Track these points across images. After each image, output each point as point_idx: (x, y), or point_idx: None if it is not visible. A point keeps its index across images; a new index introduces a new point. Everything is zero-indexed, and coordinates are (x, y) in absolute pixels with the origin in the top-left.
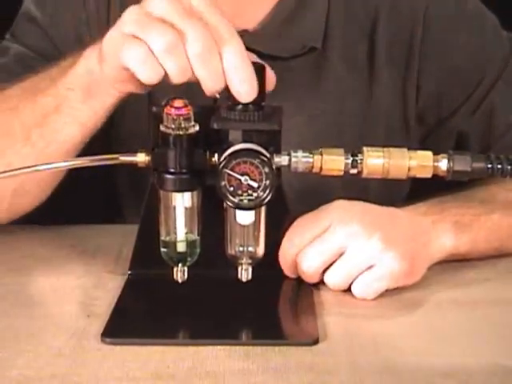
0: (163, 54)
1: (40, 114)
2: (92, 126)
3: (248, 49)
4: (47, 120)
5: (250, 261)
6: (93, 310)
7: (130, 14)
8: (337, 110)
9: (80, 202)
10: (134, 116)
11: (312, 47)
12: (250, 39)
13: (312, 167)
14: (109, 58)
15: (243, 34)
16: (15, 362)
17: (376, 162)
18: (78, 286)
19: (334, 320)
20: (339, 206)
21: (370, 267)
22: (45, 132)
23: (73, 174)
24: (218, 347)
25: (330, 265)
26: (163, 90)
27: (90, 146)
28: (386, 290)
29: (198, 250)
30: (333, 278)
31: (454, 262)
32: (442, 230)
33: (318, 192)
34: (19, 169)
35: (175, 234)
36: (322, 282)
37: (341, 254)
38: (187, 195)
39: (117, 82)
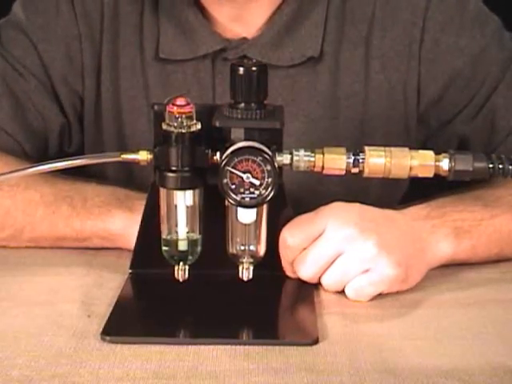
0: None
1: (54, 235)
2: None
3: (247, 57)
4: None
5: (251, 260)
6: (93, 310)
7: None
8: (334, 115)
9: None
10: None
11: (310, 56)
12: (248, 48)
13: (314, 166)
14: None
15: (242, 42)
16: (15, 362)
17: (378, 161)
18: (78, 285)
19: (335, 320)
20: (336, 208)
21: (365, 271)
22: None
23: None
24: (219, 347)
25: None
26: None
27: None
28: None
29: (200, 249)
30: (328, 281)
31: None
32: (442, 235)
33: (316, 192)
34: (21, 169)
35: (176, 232)
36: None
37: (337, 256)
38: (189, 193)
39: None
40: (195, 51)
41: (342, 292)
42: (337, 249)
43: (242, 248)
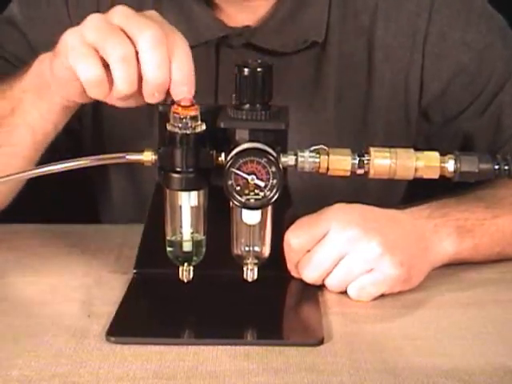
0: (117, 65)
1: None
2: (41, 131)
3: (250, 44)
4: (2, 122)
5: (255, 261)
6: (93, 310)
7: (93, 20)
8: (336, 105)
9: (79, 201)
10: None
11: (314, 41)
12: (252, 35)
13: (319, 167)
14: (62, 57)
15: (246, 29)
16: (15, 362)
17: (383, 162)
18: (78, 285)
19: (335, 320)
20: (338, 209)
21: (369, 271)
22: None
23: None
24: (219, 347)
25: None
26: None
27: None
28: None
29: (204, 250)
30: (332, 281)
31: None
32: (444, 234)
33: (317, 192)
34: (23, 172)
35: (181, 233)
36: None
37: (341, 258)
38: (193, 194)
39: (62, 84)
40: (198, 38)
41: (343, 292)
42: (340, 251)
43: (247, 249)
